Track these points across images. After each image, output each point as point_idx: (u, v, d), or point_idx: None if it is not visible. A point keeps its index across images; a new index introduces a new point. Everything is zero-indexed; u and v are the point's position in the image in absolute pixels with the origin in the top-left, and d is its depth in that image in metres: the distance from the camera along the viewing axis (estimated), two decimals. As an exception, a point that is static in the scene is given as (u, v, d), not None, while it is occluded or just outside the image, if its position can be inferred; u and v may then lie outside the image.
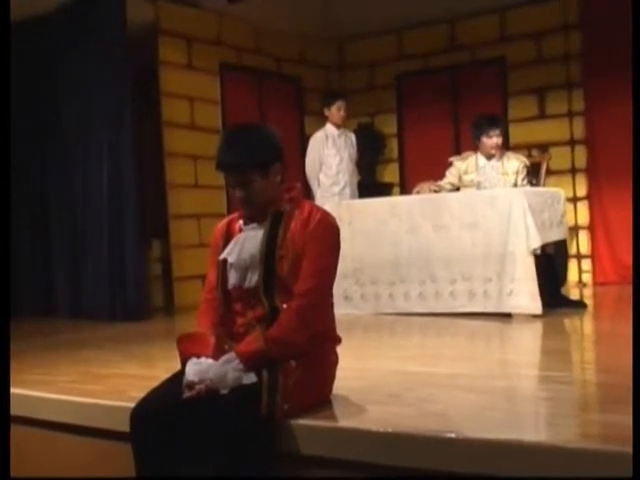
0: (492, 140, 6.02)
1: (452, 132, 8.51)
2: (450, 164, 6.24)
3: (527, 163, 6.17)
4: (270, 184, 2.65)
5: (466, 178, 6.14)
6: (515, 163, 6.09)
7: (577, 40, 7.48)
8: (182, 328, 3.51)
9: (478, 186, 6.09)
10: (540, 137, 7.86)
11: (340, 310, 4.69)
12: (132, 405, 2.55)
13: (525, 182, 6.11)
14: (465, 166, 6.16)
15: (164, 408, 2.44)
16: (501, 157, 6.10)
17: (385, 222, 5.86)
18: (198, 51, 7.52)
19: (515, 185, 6.02)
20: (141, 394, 2.58)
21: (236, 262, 2.67)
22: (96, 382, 3.63)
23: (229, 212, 7.14)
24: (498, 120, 6.24)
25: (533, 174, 6.52)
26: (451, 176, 6.21)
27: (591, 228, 7.60)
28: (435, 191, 6.05)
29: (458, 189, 6.16)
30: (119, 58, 6.58)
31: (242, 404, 2.40)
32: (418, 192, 6.06)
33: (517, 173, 6.06)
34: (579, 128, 7.43)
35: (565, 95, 7.72)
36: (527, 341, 4.76)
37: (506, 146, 8.04)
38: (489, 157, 6.09)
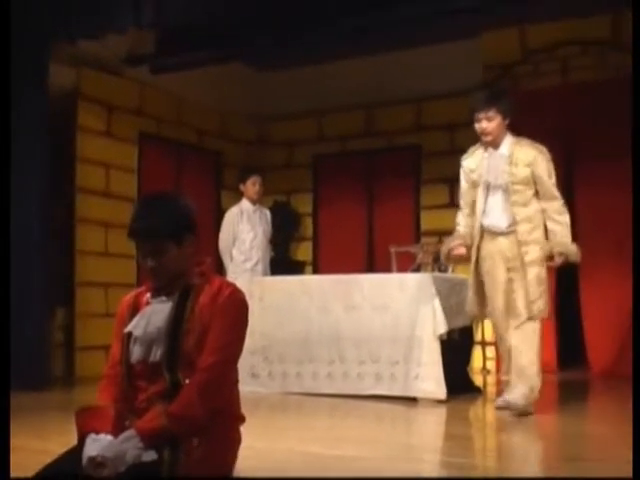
0: (479, 125, 4.76)
1: (366, 214, 8.67)
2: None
3: (548, 157, 4.74)
4: (182, 255, 2.61)
5: (474, 177, 4.99)
6: (530, 153, 4.71)
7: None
8: (81, 400, 3.40)
9: (485, 186, 4.86)
10: (450, 224, 7.98)
11: (246, 387, 4.64)
12: (23, 481, 2.43)
13: (553, 180, 4.71)
14: (472, 162, 4.99)
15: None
16: (510, 145, 4.76)
17: (296, 300, 5.87)
18: (118, 119, 7.50)
19: (528, 182, 4.65)
20: (34, 469, 2.46)
21: (142, 336, 2.60)
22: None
23: (139, 283, 7.03)
24: (490, 96, 4.80)
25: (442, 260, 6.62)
26: (463, 188, 5.16)
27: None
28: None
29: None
30: (36, 121, 6.47)
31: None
32: (449, 252, 5.27)
33: (530, 165, 4.67)
34: (487, 218, 7.59)
35: (474, 186, 7.93)
36: (431, 426, 4.79)
37: (417, 232, 8.25)
38: (485, 146, 4.86)
